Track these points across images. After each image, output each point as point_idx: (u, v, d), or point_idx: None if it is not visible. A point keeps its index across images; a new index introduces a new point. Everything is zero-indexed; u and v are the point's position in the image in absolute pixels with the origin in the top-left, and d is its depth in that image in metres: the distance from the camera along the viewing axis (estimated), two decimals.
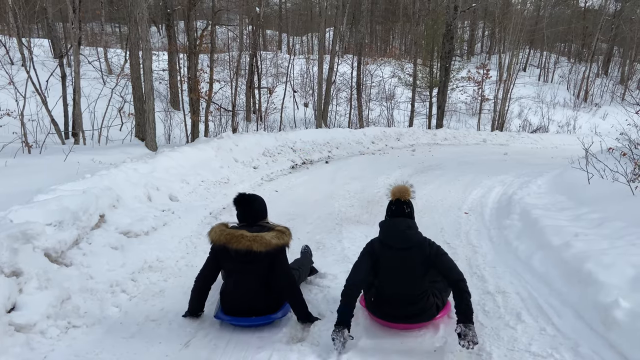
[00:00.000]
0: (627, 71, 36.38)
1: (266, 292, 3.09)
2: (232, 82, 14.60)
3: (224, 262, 3.14)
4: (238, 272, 3.08)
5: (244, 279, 3.07)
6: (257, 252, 3.00)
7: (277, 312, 3.12)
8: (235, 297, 3.08)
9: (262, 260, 3.02)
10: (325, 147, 11.16)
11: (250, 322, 3.05)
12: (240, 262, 3.03)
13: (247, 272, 3.06)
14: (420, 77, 19.24)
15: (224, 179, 7.38)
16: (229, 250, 3.04)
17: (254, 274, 3.06)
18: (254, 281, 3.07)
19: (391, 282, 2.96)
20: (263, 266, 3.05)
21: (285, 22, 41.05)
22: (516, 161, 12.63)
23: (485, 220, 5.56)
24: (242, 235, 3.04)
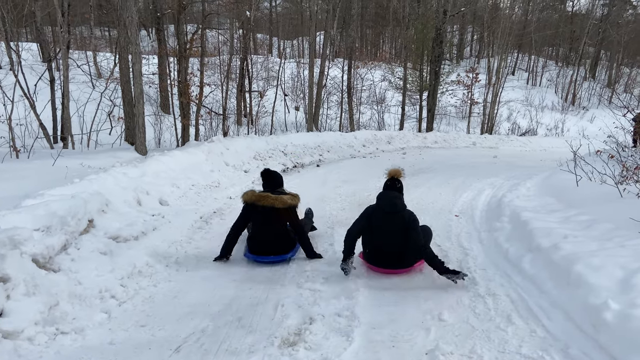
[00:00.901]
0: (614, 74, 36.86)
1: (282, 237, 4.33)
2: (222, 85, 14.56)
3: (253, 215, 4.37)
4: (262, 223, 4.30)
5: (266, 228, 4.29)
6: (277, 208, 4.27)
7: (289, 252, 4.34)
8: (260, 241, 4.29)
9: (281, 214, 4.29)
10: (316, 150, 11.16)
11: (269, 259, 4.23)
12: (265, 215, 4.27)
13: (269, 223, 4.28)
14: (410, 81, 19.33)
15: (215, 183, 7.35)
16: (257, 207, 4.30)
17: (274, 224, 4.29)
18: (274, 229, 4.30)
19: (379, 238, 3.96)
20: (281, 218, 4.30)
21: (275, 25, 41.10)
22: (506, 164, 12.73)
23: (475, 222, 5.58)
24: (267, 195, 4.31)
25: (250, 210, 4.37)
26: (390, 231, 3.90)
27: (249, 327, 3.08)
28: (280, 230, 4.33)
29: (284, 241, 4.35)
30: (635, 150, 17.84)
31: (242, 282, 3.89)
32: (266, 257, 4.24)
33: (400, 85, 19.81)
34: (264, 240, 4.28)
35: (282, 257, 4.29)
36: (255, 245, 4.32)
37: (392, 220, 3.92)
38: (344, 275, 3.80)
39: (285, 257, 4.31)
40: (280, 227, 4.34)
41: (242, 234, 4.51)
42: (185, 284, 3.84)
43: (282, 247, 4.32)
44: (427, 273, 3.93)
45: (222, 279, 3.93)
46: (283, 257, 4.29)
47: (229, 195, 6.93)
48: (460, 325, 3.04)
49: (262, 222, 4.30)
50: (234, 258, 4.41)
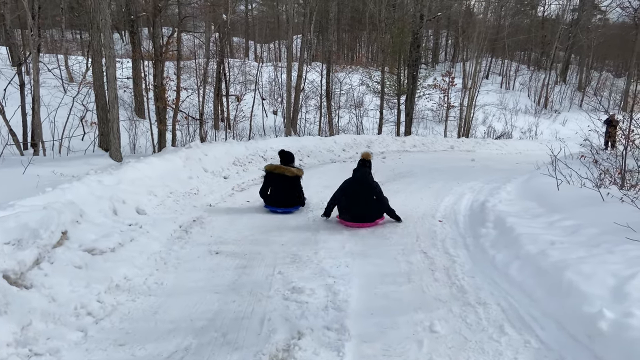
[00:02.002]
0: (584, 78, 37.80)
1: (290, 197, 6.38)
2: (198, 89, 14.32)
3: (271, 180, 6.41)
4: (276, 185, 6.36)
5: (279, 189, 6.34)
6: (287, 175, 6.36)
7: (294, 207, 6.44)
8: (274, 198, 6.37)
9: (289, 181, 6.36)
10: (296, 155, 11.00)
11: (280, 210, 6.30)
12: (278, 180, 6.35)
13: (281, 187, 6.34)
14: (388, 85, 19.39)
15: (194, 190, 7.17)
16: (273, 174, 6.38)
17: (284, 187, 6.34)
18: (284, 191, 6.34)
19: (350, 202, 5.65)
20: (289, 183, 6.36)
21: (252, 29, 40.87)
22: (483, 167, 12.83)
23: (460, 228, 5.55)
24: (280, 166, 6.46)
25: (268, 175, 6.47)
26: (361, 197, 5.61)
27: (234, 344, 2.95)
28: (288, 192, 6.38)
29: (291, 199, 6.41)
30: (608, 152, 18.28)
31: (225, 294, 3.75)
32: (278, 209, 6.35)
33: (378, 89, 19.85)
34: (277, 198, 6.37)
35: (289, 210, 6.37)
36: (271, 200, 6.42)
37: (363, 189, 5.68)
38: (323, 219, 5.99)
39: (291, 210, 6.39)
40: (289, 189, 6.38)
41: None
42: (166, 299, 3.68)
43: (289, 203, 6.39)
44: (416, 281, 3.87)
45: (205, 292, 3.78)
46: (289, 210, 6.36)
47: (208, 203, 6.76)
48: (452, 336, 2.97)
49: (276, 185, 6.40)
50: (214, 267, 4.29)
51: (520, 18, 42.10)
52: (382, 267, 4.28)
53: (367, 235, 5.35)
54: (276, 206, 6.33)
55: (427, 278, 3.96)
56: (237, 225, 5.81)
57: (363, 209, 5.56)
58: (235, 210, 6.52)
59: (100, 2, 8.28)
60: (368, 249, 4.86)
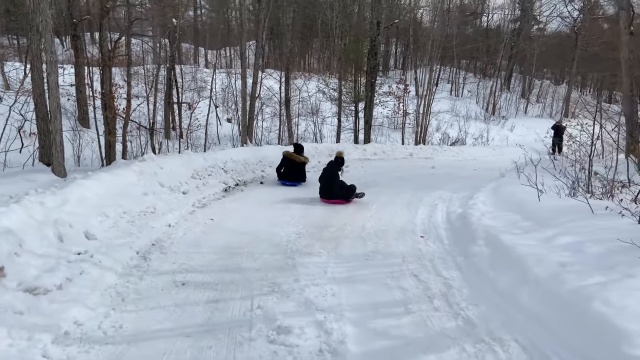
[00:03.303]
0: (527, 86, 39.27)
1: (296, 175, 9.35)
2: (148, 97, 13.50)
3: (285, 162, 9.38)
4: (288, 167, 9.34)
5: (289, 169, 9.34)
6: (296, 161, 9.35)
7: (298, 182, 9.35)
8: (286, 175, 9.32)
9: (297, 165, 9.34)
10: (258, 166, 10.49)
11: (289, 183, 9.26)
12: (289, 163, 9.35)
13: (290, 167, 9.33)
14: (345, 92, 19.16)
15: (150, 209, 6.50)
16: (287, 158, 9.36)
17: (292, 168, 9.32)
18: (292, 171, 9.32)
19: (322, 185, 7.97)
20: (297, 166, 9.34)
21: (202, 35, 39.80)
22: (445, 175, 12.75)
23: (445, 245, 5.22)
24: (293, 154, 9.41)
25: (284, 159, 9.44)
26: (327, 182, 7.97)
27: None
28: (296, 172, 9.39)
29: (297, 177, 9.41)
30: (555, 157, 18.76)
31: (199, 338, 3.21)
32: (289, 182, 9.31)
33: (335, 97, 19.59)
34: (287, 175, 9.37)
35: (294, 184, 9.34)
36: (283, 176, 9.38)
37: (329, 177, 8.03)
38: None
39: (296, 184, 9.34)
40: (296, 170, 9.39)
41: None
42: (127, 347, 3.09)
43: (295, 180, 9.35)
44: (415, 312, 3.47)
45: (174, 337, 3.22)
46: (295, 184, 9.33)
47: (167, 223, 6.11)
48: None
49: (287, 166, 9.38)
50: (182, 302, 3.73)
51: (465, 28, 43.25)
52: (373, 295, 3.86)
53: (350, 257, 4.92)
54: (286, 180, 9.37)
55: (426, 307, 3.57)
56: (202, 248, 5.24)
57: (329, 191, 7.89)
58: (199, 231, 5.93)
59: (39, 2, 7.46)
60: (352, 272, 4.43)
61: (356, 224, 6.43)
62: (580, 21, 34.91)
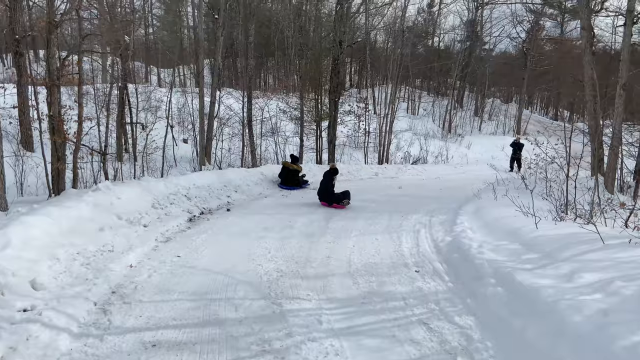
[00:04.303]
0: (479, 105, 40.36)
1: (290, 181, 11.78)
2: (99, 119, 12.55)
3: (283, 170, 11.91)
4: (285, 174, 11.84)
5: (286, 176, 11.82)
6: (290, 169, 11.86)
7: (297, 188, 11.77)
8: (284, 181, 11.77)
9: (292, 171, 11.84)
10: (223, 191, 9.80)
11: (288, 188, 11.59)
12: (287, 171, 11.85)
13: (287, 174, 11.82)
14: (306, 111, 18.76)
15: (107, 247, 5.73)
16: (284, 167, 11.97)
17: (287, 175, 11.81)
18: (287, 177, 11.80)
19: (319, 190, 9.81)
20: (292, 173, 11.84)
21: (154, 53, 38.60)
22: (414, 196, 12.47)
23: (447, 282, 4.75)
24: (289, 163, 12.04)
25: (282, 168, 11.85)
26: (323, 188, 9.64)
27: None
28: (290, 178, 11.68)
29: (292, 182, 11.69)
30: (514, 173, 18.96)
31: None
32: (285, 187, 11.57)
33: (296, 116, 19.14)
34: (285, 180, 11.66)
35: (290, 188, 11.54)
36: (282, 182, 11.67)
37: (325, 184, 9.68)
38: None
39: (291, 189, 11.48)
40: (291, 177, 11.72)
41: None
42: None
43: (290, 185, 11.61)
44: None
45: None
46: (290, 189, 11.51)
47: (128, 263, 5.37)
48: None
49: (285, 173, 11.76)
50: None
51: (417, 48, 44.14)
52: (383, 352, 3.32)
53: (343, 301, 4.37)
54: (283, 185, 11.70)
55: None
56: (172, 294, 4.55)
57: (325, 195, 9.65)
58: (166, 272, 5.22)
59: None
60: (351, 321, 3.89)
61: (340, 257, 5.90)
62: (529, 42, 36.36)
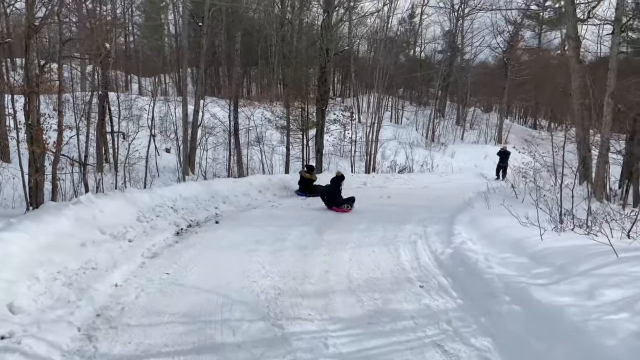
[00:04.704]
0: (461, 114, 40.68)
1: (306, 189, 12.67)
2: (78, 127, 12.11)
3: (300, 179, 12.92)
4: (301, 182, 12.84)
5: (302, 184, 12.80)
6: (306, 177, 12.85)
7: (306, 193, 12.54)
8: (301, 188, 12.76)
9: (306, 180, 12.78)
10: (210, 202, 9.46)
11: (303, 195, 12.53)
12: (302, 180, 12.84)
13: (303, 183, 12.80)
14: (292, 120, 18.54)
15: (90, 264, 5.36)
16: (301, 176, 13.00)
17: (305, 183, 12.77)
18: (302, 185, 12.79)
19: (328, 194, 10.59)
20: (307, 181, 12.77)
21: (135, 61, 38.01)
22: (405, 205, 12.29)
23: (455, 298, 4.50)
24: (305, 172, 13.07)
25: (300, 177, 12.86)
26: (331, 194, 10.45)
27: None
28: (304, 185, 12.66)
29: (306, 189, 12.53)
30: (500, 181, 18.93)
31: None
32: (302, 194, 12.46)
33: (283, 125, 18.90)
34: (301, 188, 12.65)
35: (304, 194, 12.44)
36: (300, 191, 12.56)
37: (332, 190, 10.55)
38: None
39: (304, 194, 12.46)
40: (305, 184, 12.67)
41: None
42: None
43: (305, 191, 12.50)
44: None
45: None
46: (304, 194, 12.43)
47: (114, 282, 5.01)
48: None
49: (301, 182, 12.71)
50: None
51: (399, 58, 44.40)
52: None
53: (348, 321, 4.10)
54: (299, 192, 12.59)
55: None
56: (163, 317, 4.23)
57: (332, 199, 10.35)
58: (154, 291, 4.88)
59: None
60: (359, 344, 3.62)
61: (338, 271, 5.63)
62: (508, 52, 36.88)
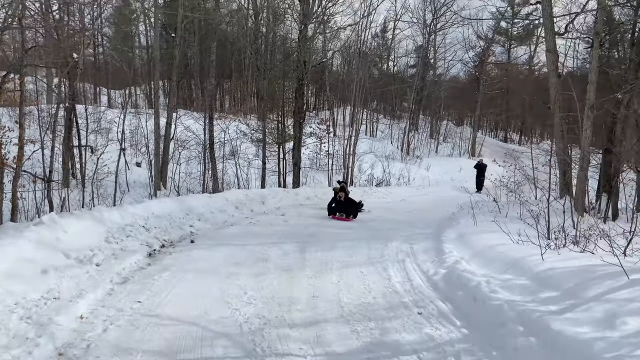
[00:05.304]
0: (434, 127, 41.06)
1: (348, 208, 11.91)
2: (43, 141, 11.44)
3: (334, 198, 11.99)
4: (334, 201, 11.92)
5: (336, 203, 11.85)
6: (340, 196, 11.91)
7: None
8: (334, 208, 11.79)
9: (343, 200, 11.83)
10: (185, 220, 8.93)
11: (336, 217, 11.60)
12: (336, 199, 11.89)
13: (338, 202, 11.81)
14: (268, 133, 18.17)
15: (53, 293, 4.80)
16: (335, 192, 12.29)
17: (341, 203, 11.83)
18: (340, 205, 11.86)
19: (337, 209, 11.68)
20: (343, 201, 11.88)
21: (104, 73, 37.02)
22: (385, 220, 12.04)
23: (458, 327, 4.12)
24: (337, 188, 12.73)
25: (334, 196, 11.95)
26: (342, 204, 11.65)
27: None
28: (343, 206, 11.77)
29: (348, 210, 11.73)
30: (478, 193, 18.96)
31: None
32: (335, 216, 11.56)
33: (258, 138, 18.49)
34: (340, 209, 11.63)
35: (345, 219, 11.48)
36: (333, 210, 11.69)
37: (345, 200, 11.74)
38: None
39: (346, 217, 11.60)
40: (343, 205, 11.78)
41: None
42: None
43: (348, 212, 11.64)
44: None
45: None
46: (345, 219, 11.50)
47: (79, 314, 4.46)
48: None
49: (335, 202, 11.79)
50: None
51: (372, 71, 44.66)
52: None
53: (346, 356, 3.69)
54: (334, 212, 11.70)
55: None
56: (135, 355, 3.74)
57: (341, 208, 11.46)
58: (125, 323, 4.36)
59: None
60: None
61: (327, 296, 5.22)
62: (480, 67, 37.56)
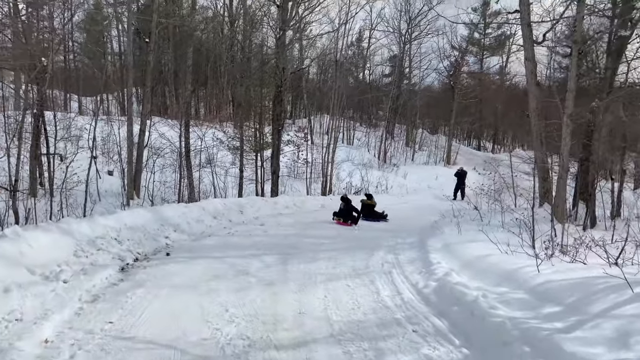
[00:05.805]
0: (410, 135, 41.33)
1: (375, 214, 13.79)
2: (9, 149, 10.85)
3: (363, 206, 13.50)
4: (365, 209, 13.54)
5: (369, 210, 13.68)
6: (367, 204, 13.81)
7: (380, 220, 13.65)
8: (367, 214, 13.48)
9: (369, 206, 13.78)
10: (160, 231, 8.49)
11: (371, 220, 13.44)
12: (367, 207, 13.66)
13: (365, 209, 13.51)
14: (245, 141, 17.82)
15: (15, 314, 4.36)
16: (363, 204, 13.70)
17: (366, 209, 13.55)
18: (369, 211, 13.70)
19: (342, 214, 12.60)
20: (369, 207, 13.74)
21: (75, 79, 35.97)
22: (367, 229, 11.92)
23: (458, 347, 3.82)
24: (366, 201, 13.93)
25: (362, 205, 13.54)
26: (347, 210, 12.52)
27: None
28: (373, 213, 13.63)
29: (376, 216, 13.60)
30: (455, 200, 18.98)
31: None
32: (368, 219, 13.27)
33: (235, 146, 18.10)
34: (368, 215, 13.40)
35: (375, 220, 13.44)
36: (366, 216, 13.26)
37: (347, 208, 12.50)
38: None
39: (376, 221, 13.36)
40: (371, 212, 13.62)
41: None
42: None
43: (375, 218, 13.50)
44: None
45: None
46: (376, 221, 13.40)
47: (44, 338, 4.05)
48: None
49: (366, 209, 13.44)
50: None
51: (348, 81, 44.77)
52: None
53: None
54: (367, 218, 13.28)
55: None
56: None
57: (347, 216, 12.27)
58: (95, 347, 3.96)
59: None
60: None
61: (315, 313, 4.92)
62: (454, 76, 38.08)
